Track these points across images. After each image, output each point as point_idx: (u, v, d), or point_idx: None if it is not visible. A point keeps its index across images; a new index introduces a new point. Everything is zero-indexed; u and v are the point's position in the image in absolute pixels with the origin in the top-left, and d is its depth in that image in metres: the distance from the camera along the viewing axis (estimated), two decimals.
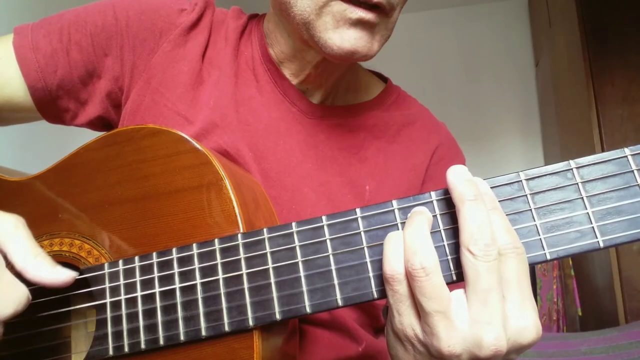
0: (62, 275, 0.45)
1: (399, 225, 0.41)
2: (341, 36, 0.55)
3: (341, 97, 0.70)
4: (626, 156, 0.39)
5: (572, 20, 2.27)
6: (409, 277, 0.38)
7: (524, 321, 0.37)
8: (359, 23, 0.54)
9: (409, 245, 0.38)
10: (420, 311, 0.38)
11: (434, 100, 0.89)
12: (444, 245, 0.40)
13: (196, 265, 0.45)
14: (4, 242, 0.44)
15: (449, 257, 0.40)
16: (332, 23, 0.55)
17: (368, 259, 0.41)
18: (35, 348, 0.54)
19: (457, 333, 0.37)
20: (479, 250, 0.36)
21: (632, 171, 0.39)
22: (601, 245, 0.38)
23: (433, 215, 0.41)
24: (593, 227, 0.38)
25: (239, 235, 0.44)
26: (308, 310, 0.42)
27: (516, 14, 3.42)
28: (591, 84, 2.13)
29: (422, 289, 0.37)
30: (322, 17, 0.55)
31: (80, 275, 0.48)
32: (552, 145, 2.97)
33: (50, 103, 0.64)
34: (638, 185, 0.39)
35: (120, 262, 0.47)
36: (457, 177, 0.39)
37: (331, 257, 0.42)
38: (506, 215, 0.40)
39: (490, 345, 0.36)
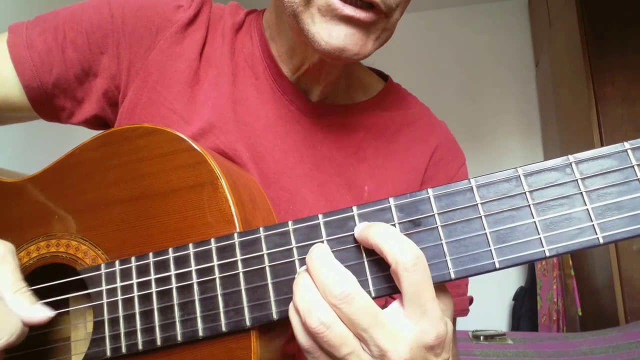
0: (38, 314, 0.45)
1: (397, 225, 0.41)
2: (329, 31, 0.52)
3: (341, 95, 0.69)
4: (626, 150, 0.39)
5: (572, 20, 2.27)
6: (334, 309, 0.38)
7: (421, 326, 0.38)
8: (348, 20, 0.52)
9: (320, 281, 0.38)
10: (360, 337, 0.38)
11: (433, 100, 0.89)
12: (442, 243, 0.40)
13: (192, 265, 0.44)
14: None
15: (448, 259, 0.40)
16: (319, 16, 0.53)
17: (365, 259, 0.41)
18: (35, 350, 0.53)
19: (402, 338, 0.37)
20: (337, 300, 0.37)
21: (632, 166, 0.38)
22: (601, 241, 0.37)
23: (431, 215, 0.41)
24: (593, 223, 0.38)
25: (235, 235, 0.44)
26: None
27: (516, 14, 3.43)
28: (591, 84, 2.13)
29: (355, 311, 0.37)
30: (310, 8, 0.53)
31: (77, 276, 0.48)
32: (552, 145, 2.98)
33: (46, 102, 0.64)
34: (638, 180, 0.38)
35: (117, 262, 0.47)
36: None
37: None
38: (504, 212, 0.39)
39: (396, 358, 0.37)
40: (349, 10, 0.51)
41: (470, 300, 0.68)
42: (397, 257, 0.37)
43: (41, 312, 0.45)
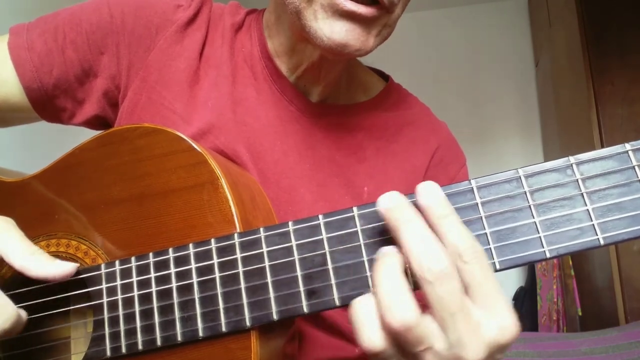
0: (63, 267, 0.45)
1: None
2: (331, 27, 0.53)
3: (341, 96, 0.69)
4: (627, 151, 0.39)
5: (572, 20, 2.27)
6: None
7: (499, 323, 0.35)
8: (350, 15, 0.52)
9: (385, 304, 0.35)
10: (443, 323, 0.35)
11: (433, 100, 0.88)
12: None
13: (193, 265, 0.44)
14: None
15: None
16: (321, 12, 0.53)
17: (365, 258, 0.41)
18: (35, 349, 0.53)
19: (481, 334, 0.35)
20: (433, 276, 0.34)
21: (633, 167, 0.38)
22: (602, 242, 0.37)
23: None
24: (593, 224, 0.38)
25: (236, 235, 0.44)
26: (305, 310, 0.41)
27: (516, 14, 3.42)
28: (591, 84, 2.13)
29: (409, 340, 0.35)
30: (312, 5, 0.53)
31: (77, 276, 0.48)
32: (552, 146, 2.97)
33: (47, 103, 0.64)
34: (639, 181, 0.38)
35: (117, 262, 0.47)
36: (387, 202, 0.37)
37: (328, 256, 0.42)
38: (505, 212, 0.39)
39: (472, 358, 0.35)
40: (351, 6, 0.51)
41: None
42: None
43: (66, 265, 0.45)
